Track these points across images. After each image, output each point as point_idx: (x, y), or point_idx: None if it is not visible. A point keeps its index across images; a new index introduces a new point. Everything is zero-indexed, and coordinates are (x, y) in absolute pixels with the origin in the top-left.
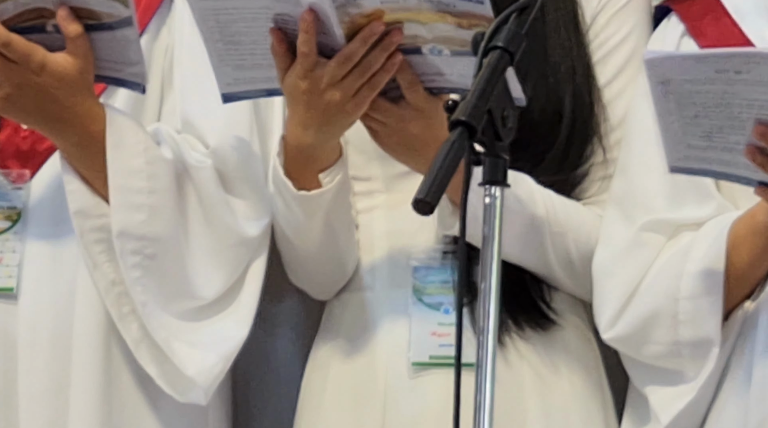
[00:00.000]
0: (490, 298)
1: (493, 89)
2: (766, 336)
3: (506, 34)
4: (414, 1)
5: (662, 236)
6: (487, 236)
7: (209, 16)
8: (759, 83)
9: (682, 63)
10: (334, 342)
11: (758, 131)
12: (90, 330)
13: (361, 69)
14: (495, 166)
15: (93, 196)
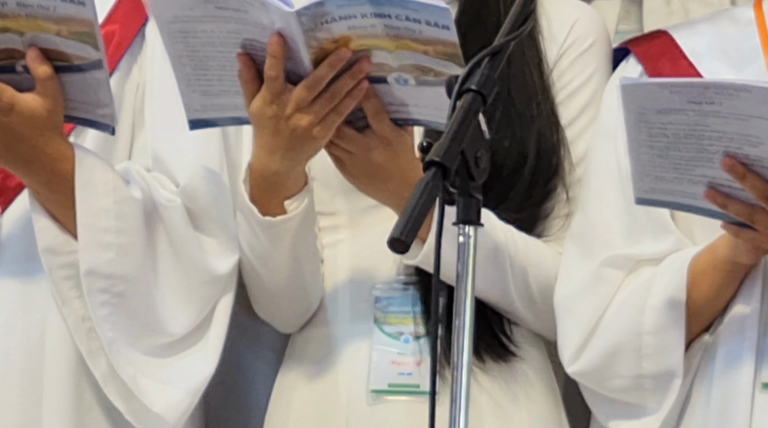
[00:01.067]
0: (464, 334)
1: (466, 131)
2: (723, 367)
3: (479, 78)
4: (381, 28)
5: (621, 271)
6: (461, 274)
7: (178, 40)
8: (731, 115)
9: (657, 91)
10: (299, 369)
11: (725, 163)
12: (61, 365)
13: (329, 95)
14: (468, 206)
15: (62, 233)
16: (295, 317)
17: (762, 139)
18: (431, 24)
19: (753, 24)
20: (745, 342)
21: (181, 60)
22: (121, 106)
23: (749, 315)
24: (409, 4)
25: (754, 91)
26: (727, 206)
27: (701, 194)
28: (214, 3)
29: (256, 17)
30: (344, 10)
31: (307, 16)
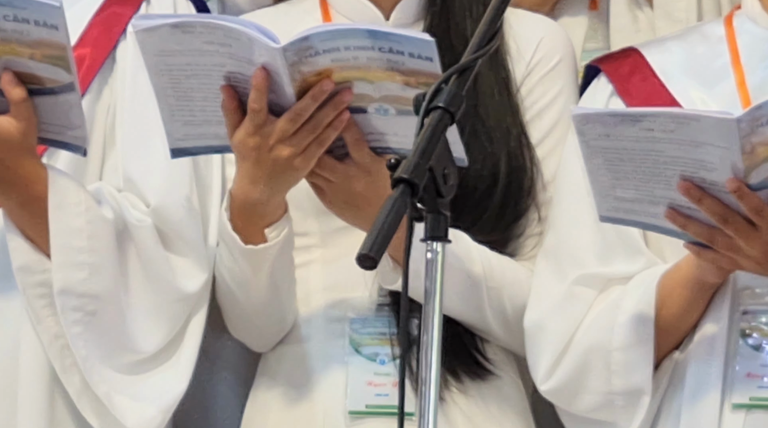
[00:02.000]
0: (431, 351)
1: (434, 148)
2: (693, 385)
3: (447, 95)
4: (364, 60)
5: (593, 290)
6: (429, 291)
7: (163, 72)
8: (684, 142)
9: (609, 120)
10: (273, 389)
11: (681, 187)
12: (34, 382)
13: (311, 126)
14: (437, 223)
15: (36, 252)
16: (271, 336)
17: (716, 164)
18: (415, 56)
19: (723, 41)
20: (713, 361)
21: (166, 91)
22: (92, 128)
23: (718, 334)
24: (394, 36)
25: (703, 120)
26: (687, 227)
27: (662, 214)
28: (199, 38)
29: (241, 51)
30: (328, 44)
31: (292, 51)
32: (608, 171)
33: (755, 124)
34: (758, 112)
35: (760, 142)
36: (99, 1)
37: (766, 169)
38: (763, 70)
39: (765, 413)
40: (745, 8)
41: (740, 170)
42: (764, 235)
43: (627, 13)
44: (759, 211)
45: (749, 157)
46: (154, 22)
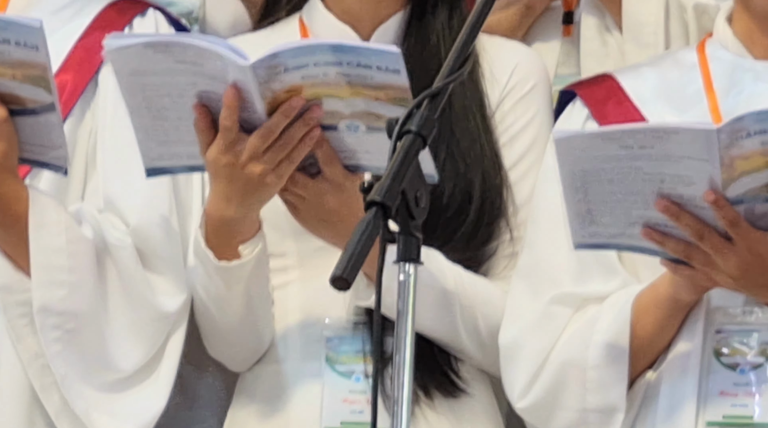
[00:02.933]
0: (404, 370)
1: (406, 171)
2: (667, 403)
3: (419, 119)
4: (333, 76)
5: (569, 309)
6: (402, 311)
7: (137, 91)
8: (663, 157)
9: (589, 141)
10: (250, 407)
11: (659, 204)
12: (14, 400)
13: (282, 143)
14: (409, 244)
15: (16, 271)
16: (247, 355)
17: (694, 178)
18: (382, 69)
19: (696, 68)
20: (687, 380)
21: (140, 111)
22: (74, 150)
23: (692, 353)
24: (359, 49)
25: (683, 132)
26: (664, 244)
27: (638, 234)
28: (173, 57)
29: (212, 70)
30: (297, 61)
31: (262, 69)
32: (586, 194)
33: (735, 136)
34: (738, 124)
35: (738, 155)
36: (82, 27)
37: (743, 183)
38: (735, 95)
39: None
40: (716, 35)
41: (718, 184)
42: (740, 251)
43: (597, 38)
44: (735, 224)
45: (727, 169)
46: (126, 41)
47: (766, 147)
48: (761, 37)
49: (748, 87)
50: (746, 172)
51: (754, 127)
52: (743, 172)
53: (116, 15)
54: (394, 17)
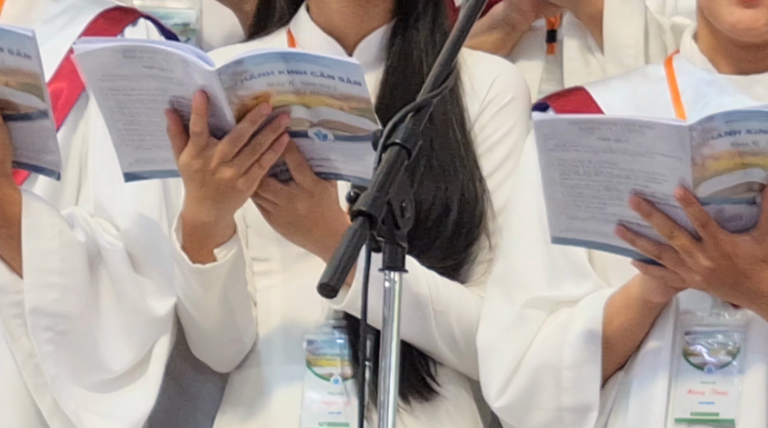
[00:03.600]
0: (390, 375)
1: (392, 182)
2: (638, 401)
3: (403, 132)
4: (298, 84)
5: (543, 312)
6: (387, 317)
7: (109, 97)
8: (637, 153)
9: (568, 127)
10: (233, 411)
11: (632, 201)
12: (10, 400)
13: (251, 148)
14: (394, 253)
15: (10, 273)
16: (229, 357)
17: (666, 176)
18: (344, 80)
19: (664, 81)
20: (657, 379)
21: (114, 116)
22: (68, 157)
23: (662, 353)
24: (320, 59)
25: (657, 127)
26: (635, 243)
27: (612, 232)
28: (140, 62)
29: (180, 75)
30: (261, 68)
31: (227, 74)
32: (563, 185)
33: (707, 135)
34: (709, 124)
35: (710, 155)
36: (75, 35)
37: (714, 183)
38: (701, 107)
39: (705, 427)
40: (683, 51)
41: (689, 183)
42: (709, 250)
43: (579, 58)
44: (704, 223)
45: (699, 169)
46: (94, 45)
47: (735, 148)
48: (724, 53)
49: (713, 99)
50: (717, 172)
51: (724, 128)
52: (714, 172)
53: (107, 24)
54: (377, 31)
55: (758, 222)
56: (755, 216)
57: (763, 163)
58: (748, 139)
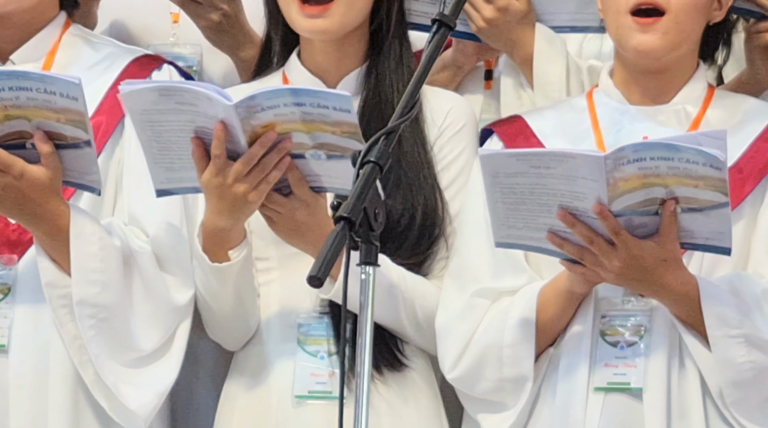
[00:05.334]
0: (365, 351)
1: (367, 193)
2: (564, 374)
3: (377, 152)
4: (299, 114)
5: (488, 300)
6: (363, 304)
7: (147, 128)
8: (562, 176)
9: (506, 159)
10: (239, 381)
11: (559, 214)
12: (62, 375)
13: (260, 167)
14: (369, 251)
15: (59, 271)
16: (238, 337)
17: (586, 194)
18: (337, 109)
19: (586, 111)
20: (581, 355)
21: (150, 143)
22: (106, 177)
23: (584, 333)
24: (318, 93)
25: (578, 157)
26: (562, 246)
27: (544, 238)
28: (173, 99)
29: (204, 109)
30: (270, 102)
31: (242, 107)
32: (503, 203)
33: (618, 162)
34: (620, 153)
35: (620, 177)
36: (112, 80)
37: (624, 199)
38: (615, 132)
39: (618, 394)
40: (601, 85)
41: (604, 200)
42: (620, 253)
43: (513, 92)
44: (616, 232)
45: (612, 188)
46: (136, 86)
47: (641, 171)
48: (635, 88)
49: (626, 126)
50: (626, 191)
51: (632, 156)
52: (624, 191)
53: (138, 69)
54: (353, 72)
55: (660, 230)
56: (657, 225)
57: (663, 183)
58: (651, 165)
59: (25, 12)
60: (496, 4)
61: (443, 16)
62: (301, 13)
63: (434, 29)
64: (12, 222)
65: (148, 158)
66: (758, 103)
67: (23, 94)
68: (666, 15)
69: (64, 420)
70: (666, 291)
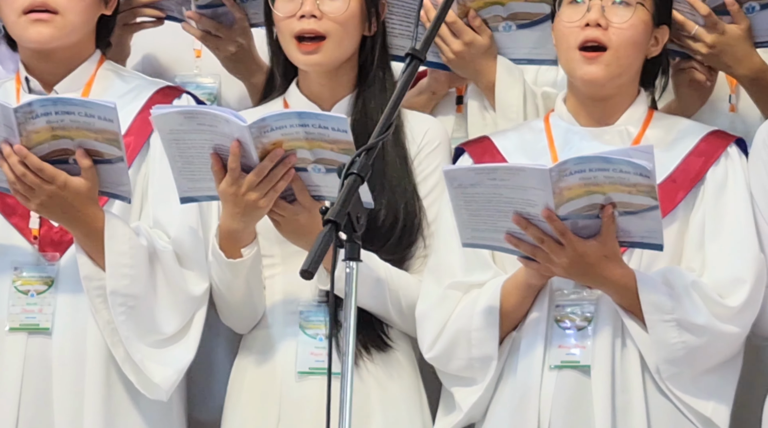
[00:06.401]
0: (350, 332)
1: (351, 200)
2: (525, 353)
3: (359, 165)
4: (303, 134)
5: (460, 292)
6: (348, 293)
7: (173, 144)
8: (516, 187)
9: (467, 173)
10: (249, 358)
11: (514, 219)
12: (96, 354)
13: (269, 178)
14: (353, 248)
15: (95, 266)
16: (247, 323)
17: (536, 202)
18: (335, 129)
19: (543, 132)
20: (538, 337)
21: (175, 158)
22: (134, 187)
23: (540, 319)
24: (320, 116)
25: (528, 170)
26: (519, 246)
27: (503, 239)
28: (196, 121)
29: (222, 129)
30: (278, 123)
31: (254, 128)
32: (466, 210)
33: (562, 174)
34: (563, 166)
35: (565, 186)
36: (139, 106)
37: (569, 205)
38: (567, 150)
39: (570, 370)
40: (556, 110)
41: (552, 206)
42: (567, 251)
43: (478, 114)
44: (563, 233)
45: (558, 196)
46: (166, 110)
47: (583, 181)
48: (584, 112)
49: (576, 145)
50: (571, 198)
51: (574, 168)
52: (569, 198)
53: (162, 97)
54: (344, 99)
55: (600, 231)
56: (598, 227)
57: (602, 191)
58: (591, 175)
59: (67, 49)
60: (463, 39)
61: (414, 51)
62: (298, 50)
63: (407, 62)
64: (55, 225)
65: (174, 170)
66: (691, 123)
67: (67, 117)
68: (608, 50)
69: (99, 391)
70: (608, 283)
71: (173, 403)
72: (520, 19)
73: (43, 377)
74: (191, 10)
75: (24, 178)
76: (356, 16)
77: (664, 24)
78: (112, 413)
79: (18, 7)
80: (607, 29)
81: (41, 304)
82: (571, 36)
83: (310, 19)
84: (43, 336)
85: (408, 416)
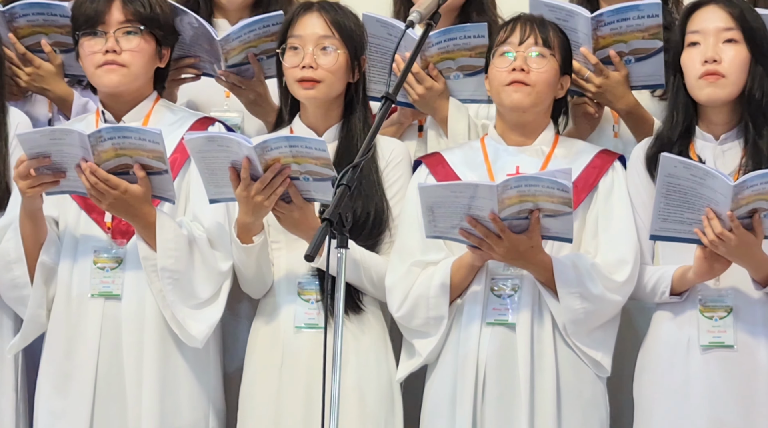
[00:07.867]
0: (340, 300)
1: (341, 203)
2: (466, 314)
3: (347, 178)
4: (295, 152)
5: (419, 268)
6: (338, 272)
7: (201, 160)
8: (470, 198)
9: (436, 189)
10: (261, 319)
11: (468, 220)
12: (152, 315)
13: (271, 185)
14: (342, 239)
15: (150, 250)
16: (259, 291)
17: (484, 208)
18: (317, 149)
19: (480, 150)
20: (477, 303)
21: (203, 170)
22: (179, 193)
23: (479, 290)
24: (304, 139)
25: (480, 187)
26: (469, 238)
27: (458, 234)
28: (216, 143)
29: (236, 150)
30: (275, 145)
31: (258, 148)
32: (433, 214)
33: (505, 188)
34: (506, 183)
35: (506, 197)
36: (183, 131)
37: (508, 211)
38: (497, 162)
39: (500, 327)
40: (489, 134)
41: (496, 211)
42: (504, 243)
43: (435, 139)
44: (502, 230)
45: (500, 204)
46: (195, 136)
47: (519, 193)
48: (509, 134)
49: (503, 158)
50: (509, 205)
51: (513, 184)
52: (508, 205)
53: (200, 125)
54: (334, 126)
55: (529, 228)
56: (528, 225)
57: (533, 200)
58: (525, 189)
59: (131, 92)
60: (424, 84)
61: (388, 94)
62: (300, 88)
63: (382, 102)
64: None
65: (204, 179)
66: (585, 144)
67: (126, 141)
68: (529, 86)
69: (155, 342)
70: (532, 265)
71: (210, 352)
72: (466, 70)
73: (116, 331)
74: (222, 69)
75: (96, 186)
76: (343, 68)
77: (567, 74)
78: (164, 357)
79: (96, 62)
80: (529, 73)
81: (113, 277)
82: (502, 76)
83: (308, 69)
84: (115, 300)
85: (376, 361)
